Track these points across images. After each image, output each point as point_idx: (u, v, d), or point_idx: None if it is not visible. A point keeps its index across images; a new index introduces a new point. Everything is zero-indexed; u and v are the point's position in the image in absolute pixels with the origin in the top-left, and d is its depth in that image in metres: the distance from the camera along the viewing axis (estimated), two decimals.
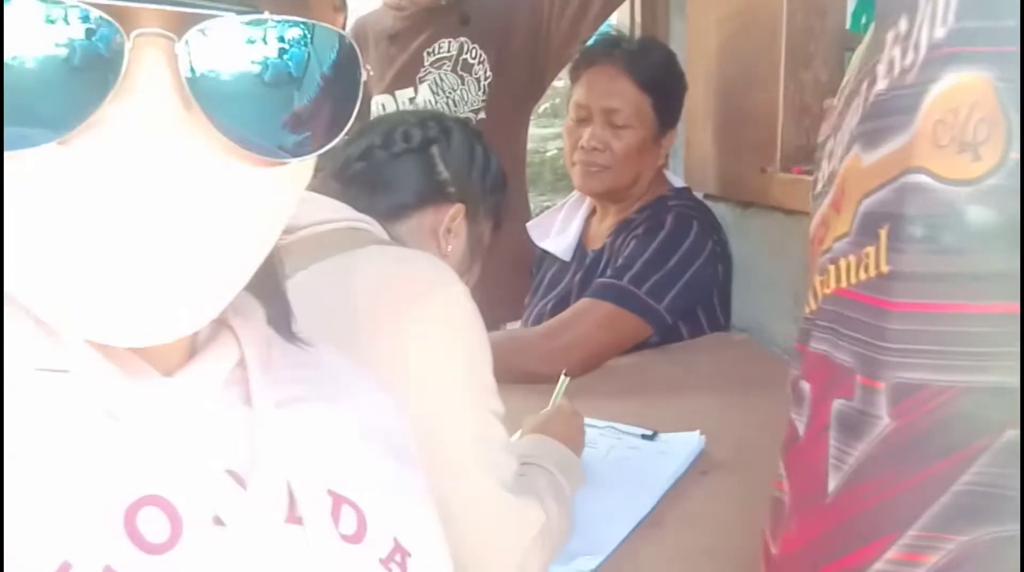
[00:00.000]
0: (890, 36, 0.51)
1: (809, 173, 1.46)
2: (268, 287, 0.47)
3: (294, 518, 0.40)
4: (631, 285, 1.49)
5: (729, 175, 1.70)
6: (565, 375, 1.20)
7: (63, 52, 0.29)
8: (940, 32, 0.46)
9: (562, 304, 1.61)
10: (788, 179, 1.47)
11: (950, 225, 0.46)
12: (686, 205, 1.61)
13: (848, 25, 1.49)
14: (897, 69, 0.50)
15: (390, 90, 2.02)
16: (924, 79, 0.47)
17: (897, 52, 0.50)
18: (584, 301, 1.51)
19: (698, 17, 1.79)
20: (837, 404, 0.55)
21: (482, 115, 1.96)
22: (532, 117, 2.13)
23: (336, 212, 0.95)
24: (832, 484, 0.55)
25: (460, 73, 2.00)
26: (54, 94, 0.30)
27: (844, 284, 0.55)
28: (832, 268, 0.56)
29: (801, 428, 0.59)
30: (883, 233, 0.50)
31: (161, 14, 0.31)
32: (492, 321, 1.53)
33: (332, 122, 0.36)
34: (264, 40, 0.33)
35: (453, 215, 1.08)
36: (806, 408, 0.59)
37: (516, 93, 2.01)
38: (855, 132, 0.54)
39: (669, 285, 1.50)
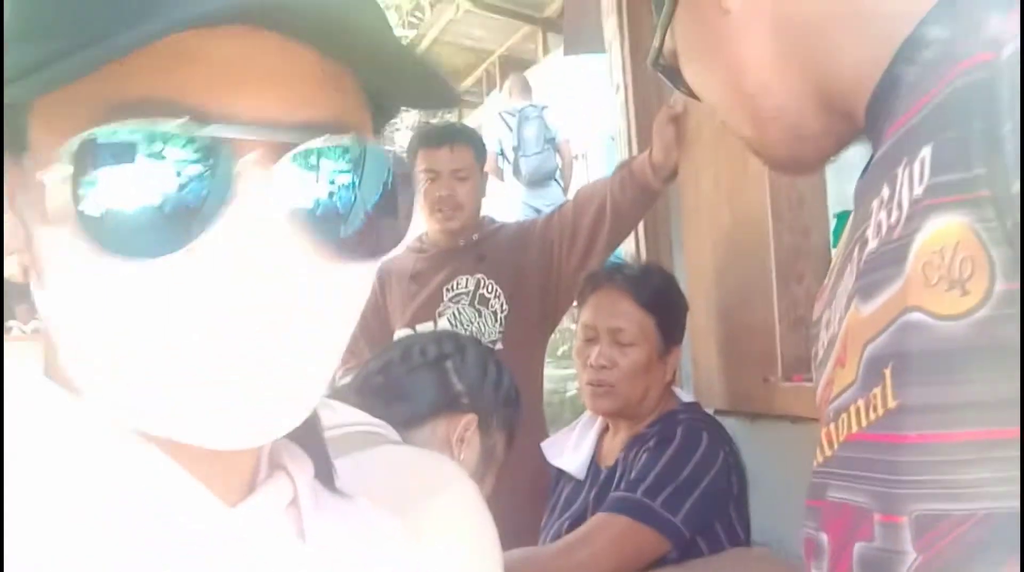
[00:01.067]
0: (875, 204, 0.57)
1: (810, 380, 1.50)
2: (313, 440, 0.51)
3: None
4: (645, 497, 1.49)
5: (735, 388, 1.74)
6: None
7: (188, 173, 0.35)
8: (919, 190, 0.51)
9: (578, 522, 1.59)
10: (791, 387, 1.51)
11: (950, 357, 0.49)
12: (695, 418, 1.64)
13: (832, 244, 1.59)
14: (885, 228, 0.55)
15: (411, 324, 2.12)
16: (910, 230, 0.51)
17: (883, 215, 0.56)
18: (599, 516, 1.50)
19: (693, 241, 1.91)
20: (858, 548, 0.55)
21: (499, 345, 2.05)
22: (551, 358, 2.25)
23: (353, 417, 1.00)
24: None
25: (477, 307, 2.12)
26: (179, 211, 0.35)
27: (855, 428, 0.56)
28: (844, 416, 0.58)
29: None
30: (887, 372, 0.52)
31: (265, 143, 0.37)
32: (509, 547, 1.52)
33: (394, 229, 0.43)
34: (340, 162, 0.39)
35: (466, 425, 1.12)
36: (825, 561, 0.59)
37: (531, 324, 2.12)
38: (851, 291, 0.58)
39: (684, 496, 1.50)
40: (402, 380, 1.15)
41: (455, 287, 2.14)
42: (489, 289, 2.13)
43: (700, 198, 1.86)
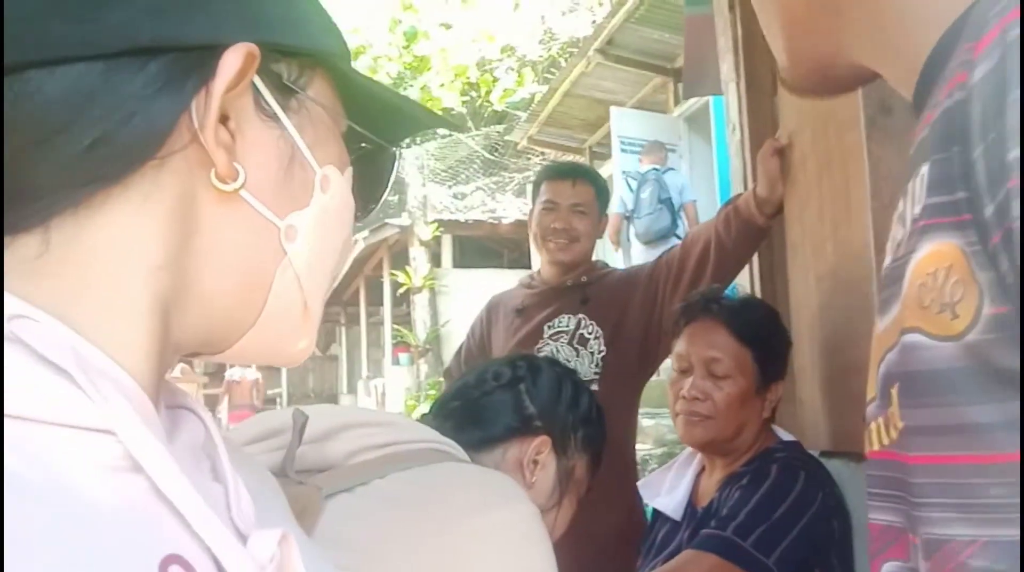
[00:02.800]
0: (895, 217, 0.57)
1: None
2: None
3: None
4: (736, 536, 1.44)
5: (839, 428, 1.66)
6: None
7: None
8: (917, 208, 0.50)
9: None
10: None
11: (944, 378, 0.48)
12: (793, 456, 1.58)
13: None
14: (895, 244, 0.55)
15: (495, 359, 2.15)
16: (909, 250, 0.51)
17: (896, 229, 0.55)
18: (688, 552, 1.46)
19: (798, 276, 1.85)
20: (887, 567, 0.54)
21: (595, 386, 2.03)
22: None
23: (420, 434, 1.02)
24: None
25: (576, 346, 2.12)
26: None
27: (877, 446, 0.56)
28: (866, 433, 0.57)
29: None
30: (894, 392, 0.52)
31: None
32: None
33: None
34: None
35: (538, 447, 1.12)
36: None
37: (629, 366, 2.10)
38: (876, 305, 0.58)
39: (778, 537, 1.44)
40: (476, 404, 1.16)
41: (556, 325, 2.15)
42: (589, 329, 2.13)
43: (805, 233, 1.81)
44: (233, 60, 0.43)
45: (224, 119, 0.44)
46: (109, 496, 0.37)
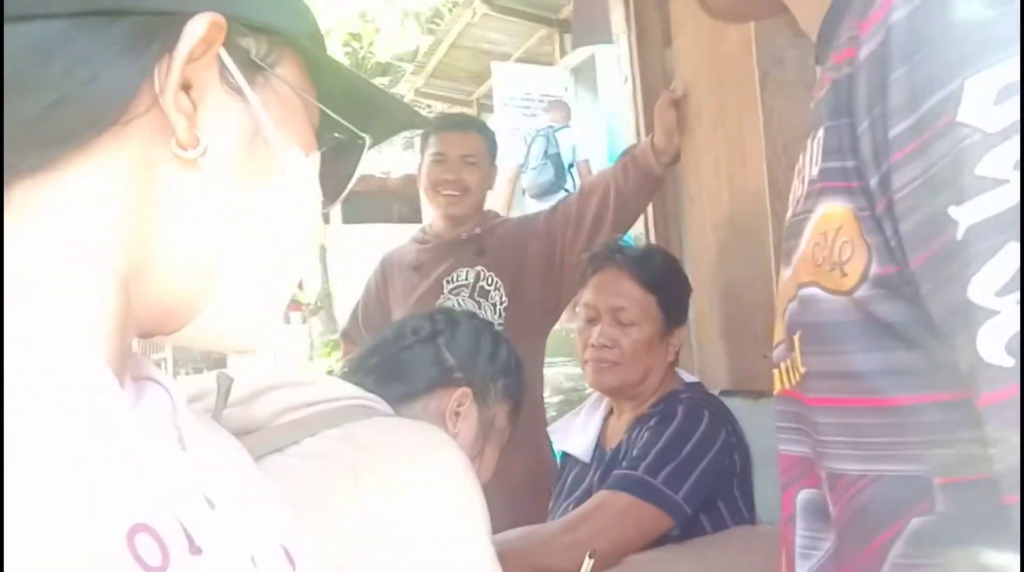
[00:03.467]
0: (796, 170, 0.60)
1: None
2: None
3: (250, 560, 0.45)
4: (647, 475, 1.50)
5: (738, 368, 1.75)
6: (590, 557, 1.20)
7: None
8: (815, 170, 0.54)
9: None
10: None
11: (840, 329, 0.51)
12: (697, 397, 1.65)
13: None
14: (794, 199, 0.58)
15: (411, 315, 2.15)
16: (806, 209, 0.54)
17: (796, 183, 0.59)
18: (600, 493, 1.51)
19: (695, 224, 1.92)
20: (802, 496, 0.58)
21: None
22: (571, 358, 2.25)
23: (344, 391, 1.02)
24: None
25: (477, 299, 2.13)
26: None
27: (786, 385, 0.60)
28: (776, 372, 0.61)
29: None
30: (796, 339, 0.56)
31: None
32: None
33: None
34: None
35: (459, 398, 1.14)
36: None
37: (532, 315, 2.13)
38: (781, 253, 0.61)
39: (685, 474, 1.51)
40: (395, 358, 1.17)
41: (455, 279, 2.15)
42: (489, 281, 2.14)
43: (701, 182, 1.87)
44: (197, 27, 0.43)
45: (187, 87, 0.44)
46: (75, 467, 0.37)
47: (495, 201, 2.06)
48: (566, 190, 5.96)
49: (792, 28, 1.62)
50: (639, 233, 2.35)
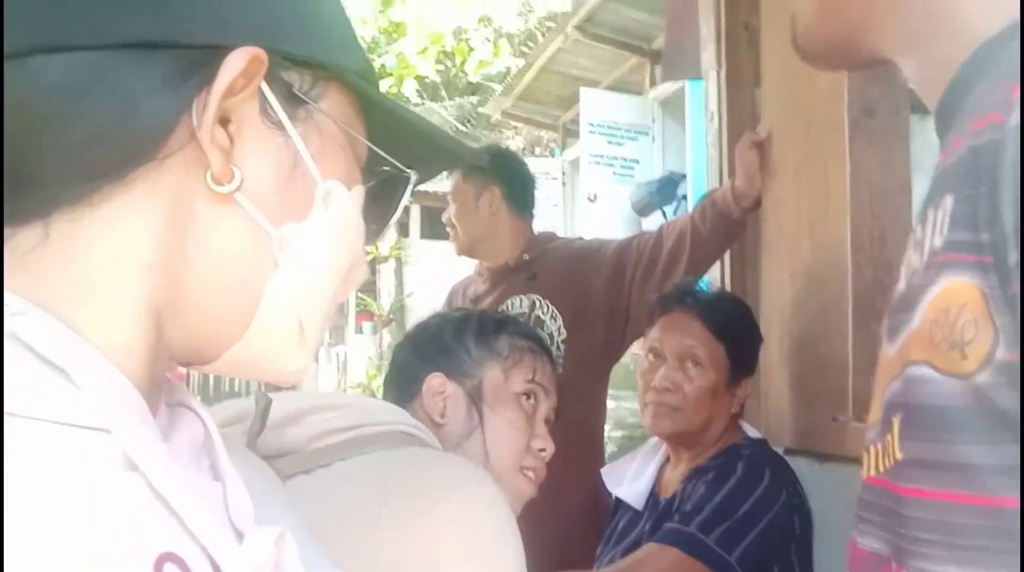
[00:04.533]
0: (911, 242, 0.56)
1: None
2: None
3: None
4: (699, 531, 1.44)
5: (805, 427, 1.67)
6: None
7: None
8: (938, 241, 0.50)
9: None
10: (862, 428, 1.44)
11: (948, 415, 0.47)
12: (759, 454, 1.58)
13: None
14: (911, 271, 0.54)
15: None
16: (925, 281, 0.50)
17: (913, 255, 0.54)
18: (650, 546, 1.46)
19: (772, 272, 1.85)
20: None
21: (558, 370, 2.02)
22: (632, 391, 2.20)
23: (387, 416, 1.00)
24: None
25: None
26: None
27: (873, 472, 0.56)
28: (865, 455, 0.57)
29: None
30: (896, 421, 0.52)
31: None
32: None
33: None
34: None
35: (431, 389, 1.11)
36: None
37: (594, 350, 2.08)
38: (885, 328, 0.57)
39: (741, 535, 1.45)
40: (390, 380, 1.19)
41: (509, 308, 2.12)
42: (544, 310, 2.10)
43: (781, 229, 1.81)
44: (236, 62, 0.42)
45: (225, 122, 0.44)
46: (104, 494, 0.38)
47: None
48: (663, 212, 5.89)
49: (886, 78, 1.56)
50: (714, 277, 2.29)
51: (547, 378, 1.16)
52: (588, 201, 6.48)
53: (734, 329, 1.62)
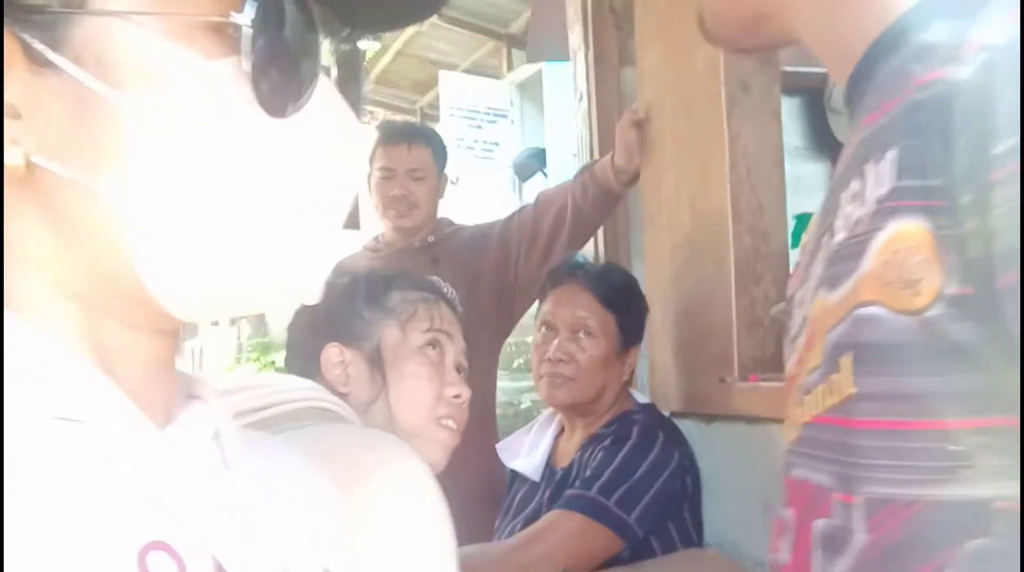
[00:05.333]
0: (844, 197, 0.59)
1: (767, 381, 1.51)
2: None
3: None
4: (600, 495, 1.49)
5: (691, 390, 1.75)
6: None
7: None
8: (884, 190, 0.53)
9: (532, 524, 1.58)
10: (747, 388, 1.52)
11: (902, 349, 0.51)
12: (651, 418, 1.64)
13: (791, 245, 1.61)
14: (853, 221, 0.57)
15: None
16: (872, 227, 0.53)
17: (852, 208, 0.57)
18: (553, 512, 1.49)
19: (653, 244, 1.92)
20: (818, 524, 0.57)
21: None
22: (505, 370, 2.23)
23: (310, 392, 0.99)
24: None
25: None
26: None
27: (817, 411, 0.58)
28: (807, 398, 0.60)
29: (786, 554, 0.61)
30: (845, 360, 0.54)
31: None
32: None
33: None
34: None
35: (329, 360, 1.10)
36: (790, 535, 0.61)
37: (485, 327, 2.10)
38: (821, 278, 0.60)
39: (638, 496, 1.50)
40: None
41: None
42: (446, 292, 2.11)
43: (661, 203, 1.87)
44: None
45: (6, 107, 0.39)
46: (86, 486, 0.38)
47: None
48: (544, 174, 5.97)
49: (759, 56, 1.63)
50: (586, 251, 2.35)
51: (448, 324, 1.16)
52: (451, 184, 6.50)
53: (623, 300, 1.67)
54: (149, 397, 0.43)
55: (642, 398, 1.74)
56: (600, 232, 2.19)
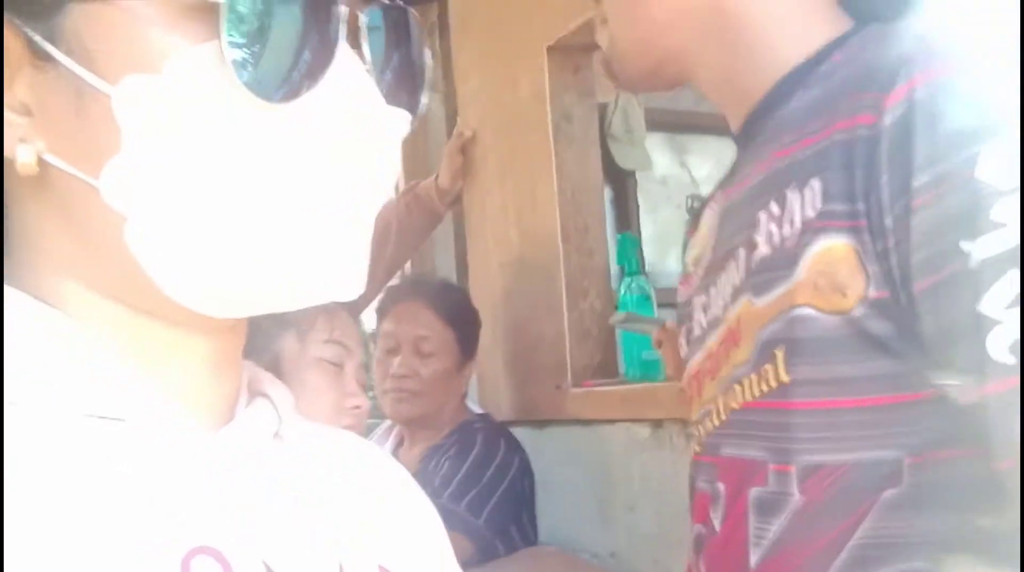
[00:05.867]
0: (762, 215, 0.68)
1: (599, 386, 1.65)
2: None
3: None
4: (450, 503, 1.55)
5: (523, 399, 1.85)
6: None
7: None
8: (811, 212, 0.63)
9: None
10: (581, 393, 1.65)
11: (831, 342, 0.61)
12: (492, 426, 1.73)
13: (616, 261, 1.77)
14: (777, 237, 0.66)
15: None
16: (803, 243, 0.63)
17: (773, 227, 0.67)
18: None
19: (479, 261, 2.02)
20: (754, 492, 0.67)
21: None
22: None
23: None
24: (754, 559, 0.66)
25: None
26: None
27: (748, 397, 0.68)
28: (737, 387, 0.69)
29: (717, 523, 0.70)
30: (779, 353, 0.64)
31: None
32: None
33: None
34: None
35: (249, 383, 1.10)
36: (721, 505, 0.70)
37: None
38: (743, 285, 0.69)
39: (486, 499, 1.58)
40: None
41: None
42: None
43: (486, 221, 1.97)
44: None
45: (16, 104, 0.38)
46: (126, 487, 0.37)
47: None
48: None
49: (581, 88, 1.78)
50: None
51: (348, 334, 1.16)
52: None
53: (461, 316, 1.75)
54: (204, 396, 0.42)
55: (477, 408, 1.83)
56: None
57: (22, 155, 0.37)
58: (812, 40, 0.71)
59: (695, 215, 0.88)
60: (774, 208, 0.68)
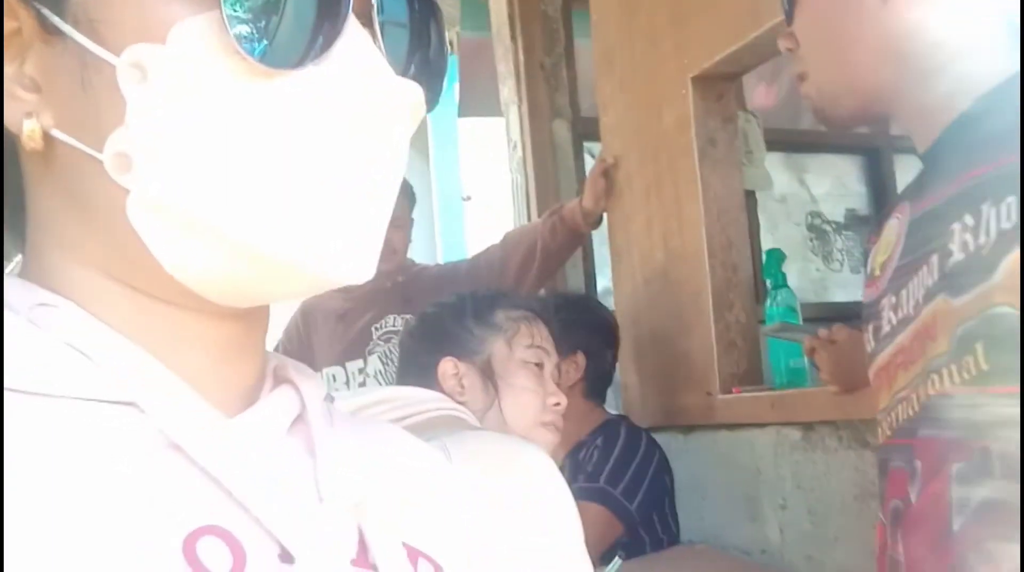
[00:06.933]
0: (956, 227, 0.78)
1: (747, 392, 1.76)
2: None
3: (367, 564, 0.40)
4: (608, 485, 1.68)
5: (669, 405, 1.97)
6: (619, 557, 1.34)
7: None
8: (1007, 224, 0.73)
9: None
10: (731, 399, 1.76)
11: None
12: (631, 425, 1.86)
13: (763, 274, 1.88)
14: (972, 246, 0.76)
15: (340, 362, 2.18)
16: (999, 250, 0.73)
17: (968, 237, 0.77)
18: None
19: (624, 277, 2.15)
20: (956, 467, 0.76)
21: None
22: None
23: (440, 402, 1.12)
24: (956, 524, 0.76)
25: None
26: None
27: (948, 385, 0.77)
28: (935, 376, 0.78)
29: (914, 496, 0.79)
30: (979, 346, 0.74)
31: None
32: None
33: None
34: None
35: (444, 375, 1.25)
36: (918, 480, 0.79)
37: None
38: (936, 286, 0.79)
39: (637, 487, 1.71)
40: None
41: (384, 325, 2.22)
42: None
43: (631, 241, 2.11)
44: None
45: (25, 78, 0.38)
46: (132, 471, 0.36)
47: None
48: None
49: (724, 115, 1.90)
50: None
51: (545, 340, 1.31)
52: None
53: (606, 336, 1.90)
54: (219, 381, 0.40)
55: (613, 411, 1.95)
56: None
57: (28, 128, 0.37)
58: (1001, 64, 0.79)
59: (877, 223, 0.98)
60: (968, 220, 0.77)
